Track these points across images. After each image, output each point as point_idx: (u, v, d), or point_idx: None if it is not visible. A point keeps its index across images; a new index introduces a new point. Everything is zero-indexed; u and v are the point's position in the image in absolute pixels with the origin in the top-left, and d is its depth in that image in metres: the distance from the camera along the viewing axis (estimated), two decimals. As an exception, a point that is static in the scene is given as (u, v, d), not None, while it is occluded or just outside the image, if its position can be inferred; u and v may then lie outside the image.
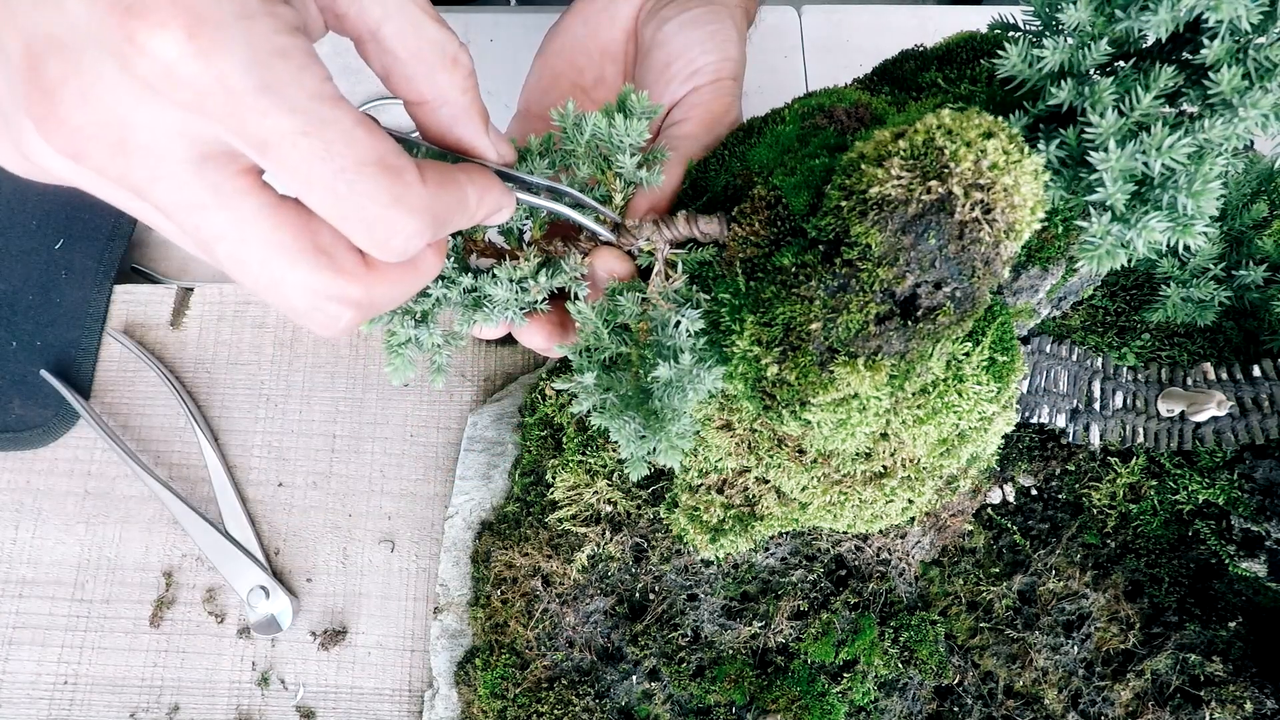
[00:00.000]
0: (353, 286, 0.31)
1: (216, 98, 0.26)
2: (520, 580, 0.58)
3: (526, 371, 0.68)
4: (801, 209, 0.37)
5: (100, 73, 0.26)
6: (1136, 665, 0.55)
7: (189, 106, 0.26)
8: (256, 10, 0.26)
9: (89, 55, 0.25)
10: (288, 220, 0.29)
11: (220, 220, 0.29)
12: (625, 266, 0.42)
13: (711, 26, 0.50)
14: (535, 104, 0.55)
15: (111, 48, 0.25)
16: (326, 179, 0.28)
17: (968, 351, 0.38)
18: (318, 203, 0.29)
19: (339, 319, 0.32)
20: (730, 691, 0.54)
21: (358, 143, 0.28)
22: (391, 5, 0.31)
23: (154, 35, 0.25)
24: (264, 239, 0.29)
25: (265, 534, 0.64)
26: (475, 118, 0.35)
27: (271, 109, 0.26)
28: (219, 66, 0.25)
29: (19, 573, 0.63)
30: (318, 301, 0.31)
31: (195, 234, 0.29)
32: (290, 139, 0.27)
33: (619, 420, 0.39)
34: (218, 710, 0.60)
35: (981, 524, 0.59)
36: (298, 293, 0.30)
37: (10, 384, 0.67)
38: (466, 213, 0.34)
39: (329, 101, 0.27)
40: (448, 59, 0.33)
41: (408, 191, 0.29)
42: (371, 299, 0.32)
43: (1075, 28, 0.34)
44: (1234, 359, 0.58)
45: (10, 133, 0.28)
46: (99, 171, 0.28)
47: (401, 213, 0.29)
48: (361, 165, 0.28)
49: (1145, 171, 0.33)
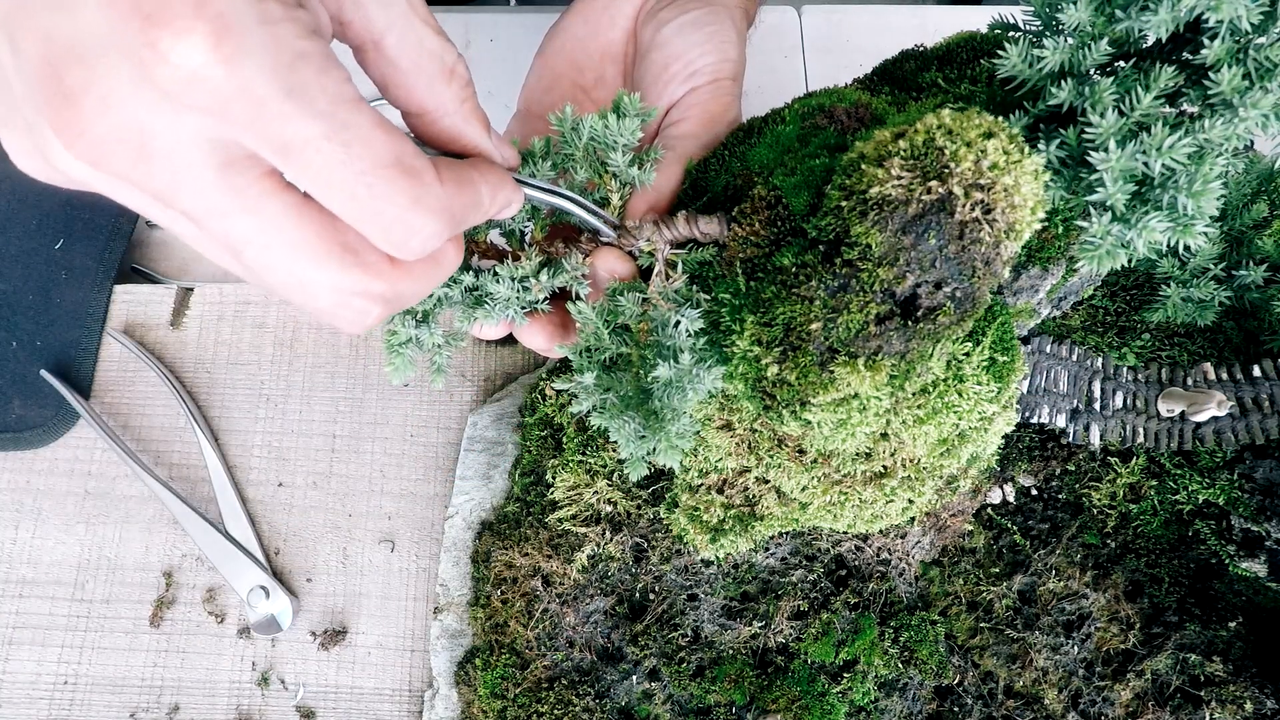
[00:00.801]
0: (379, 282, 0.31)
1: (240, 104, 0.25)
2: (520, 580, 0.58)
3: (526, 371, 0.68)
4: (801, 209, 0.37)
5: (119, 80, 0.25)
6: (1136, 665, 0.55)
7: (212, 112, 0.26)
8: (278, 15, 0.26)
9: (107, 62, 0.25)
10: (313, 220, 0.29)
11: (246, 224, 0.29)
12: (626, 266, 0.42)
13: (711, 28, 0.50)
14: (535, 104, 0.55)
15: (130, 54, 0.25)
16: (348, 182, 0.28)
17: (968, 351, 0.38)
18: (338, 205, 0.29)
19: (367, 315, 0.32)
20: (730, 691, 0.54)
21: (377, 145, 0.28)
22: (395, 14, 0.31)
23: (177, 42, 0.24)
24: (290, 240, 0.29)
25: (265, 534, 0.64)
26: (476, 125, 0.35)
27: (295, 114, 0.26)
28: (244, 73, 0.25)
29: (19, 573, 0.63)
30: (345, 299, 0.31)
31: (223, 239, 0.29)
32: (314, 144, 0.27)
33: (619, 420, 0.39)
34: (218, 710, 0.60)
35: (981, 524, 0.59)
36: (325, 292, 0.31)
37: (10, 384, 0.67)
38: (481, 209, 0.34)
39: (349, 104, 0.27)
40: (445, 70, 0.33)
41: (426, 192, 0.30)
42: (397, 293, 0.32)
43: (1075, 28, 0.34)
44: (1234, 359, 0.58)
45: (34, 138, 0.28)
46: (122, 179, 0.28)
47: (420, 213, 0.30)
48: (381, 168, 0.28)
49: (1145, 171, 0.33)
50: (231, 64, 0.25)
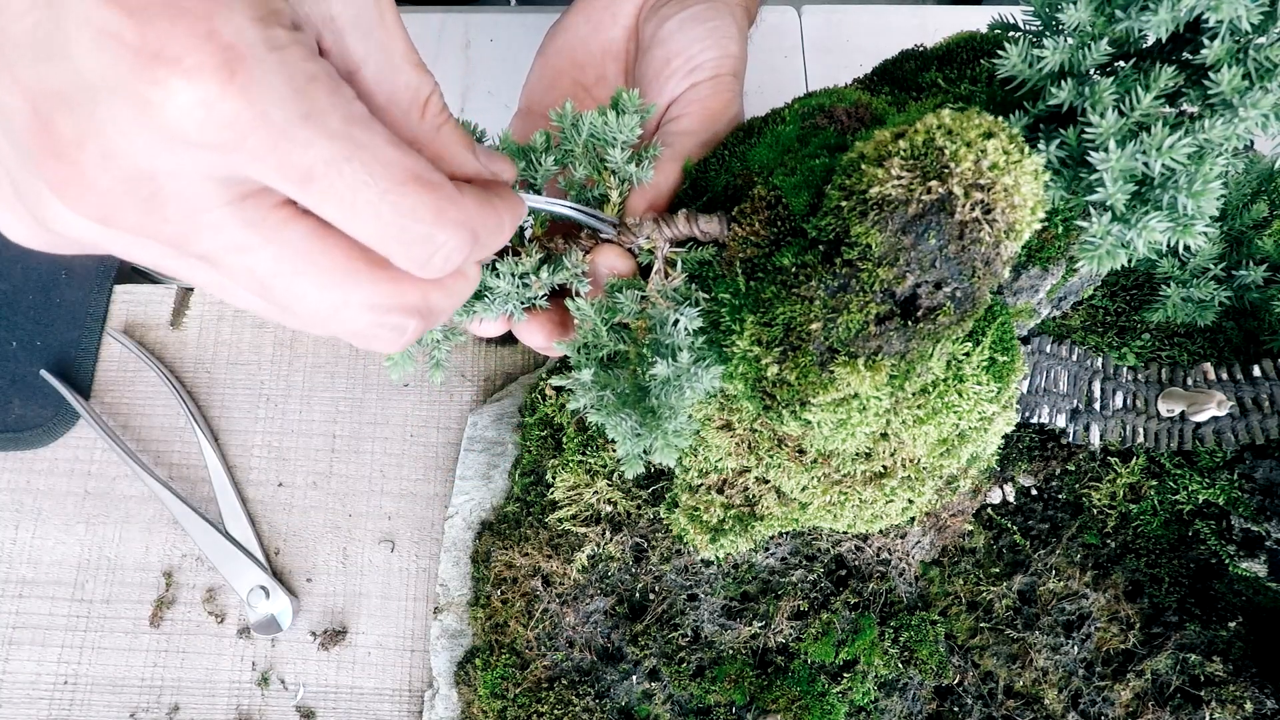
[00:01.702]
0: (412, 293, 0.30)
1: (259, 135, 0.24)
2: (520, 580, 0.58)
3: (526, 371, 0.68)
4: (801, 209, 0.37)
5: (122, 125, 0.24)
6: (1136, 665, 0.55)
7: (227, 148, 0.24)
8: (285, 40, 0.25)
9: (105, 108, 0.24)
10: (336, 242, 0.28)
11: (270, 255, 0.27)
12: (627, 264, 0.42)
13: (712, 23, 0.50)
14: (537, 103, 0.55)
15: (134, 96, 0.23)
16: (372, 203, 0.27)
17: (968, 351, 0.38)
18: (362, 227, 0.28)
19: (404, 329, 0.31)
20: (730, 691, 0.54)
21: (394, 162, 0.27)
22: (373, 45, 0.30)
23: (190, 78, 0.23)
24: (317, 265, 0.28)
25: (265, 534, 0.64)
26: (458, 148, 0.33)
27: (314, 138, 0.25)
28: (259, 103, 0.24)
29: (19, 573, 0.63)
30: (381, 317, 0.30)
31: (248, 277, 0.28)
32: (335, 166, 0.26)
33: (615, 417, 0.39)
34: (218, 710, 0.60)
35: (981, 524, 0.59)
36: (359, 311, 0.30)
37: (10, 384, 0.67)
38: (501, 230, 0.33)
39: (363, 123, 0.27)
40: (419, 104, 0.31)
41: (450, 205, 0.29)
42: (430, 305, 0.31)
43: (1075, 28, 0.34)
44: (1234, 359, 0.58)
45: (26, 202, 0.26)
46: (135, 232, 0.26)
47: (444, 226, 0.29)
48: (402, 184, 0.27)
49: (1145, 171, 0.33)
50: (247, 94, 0.24)
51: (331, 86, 0.26)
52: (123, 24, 0.23)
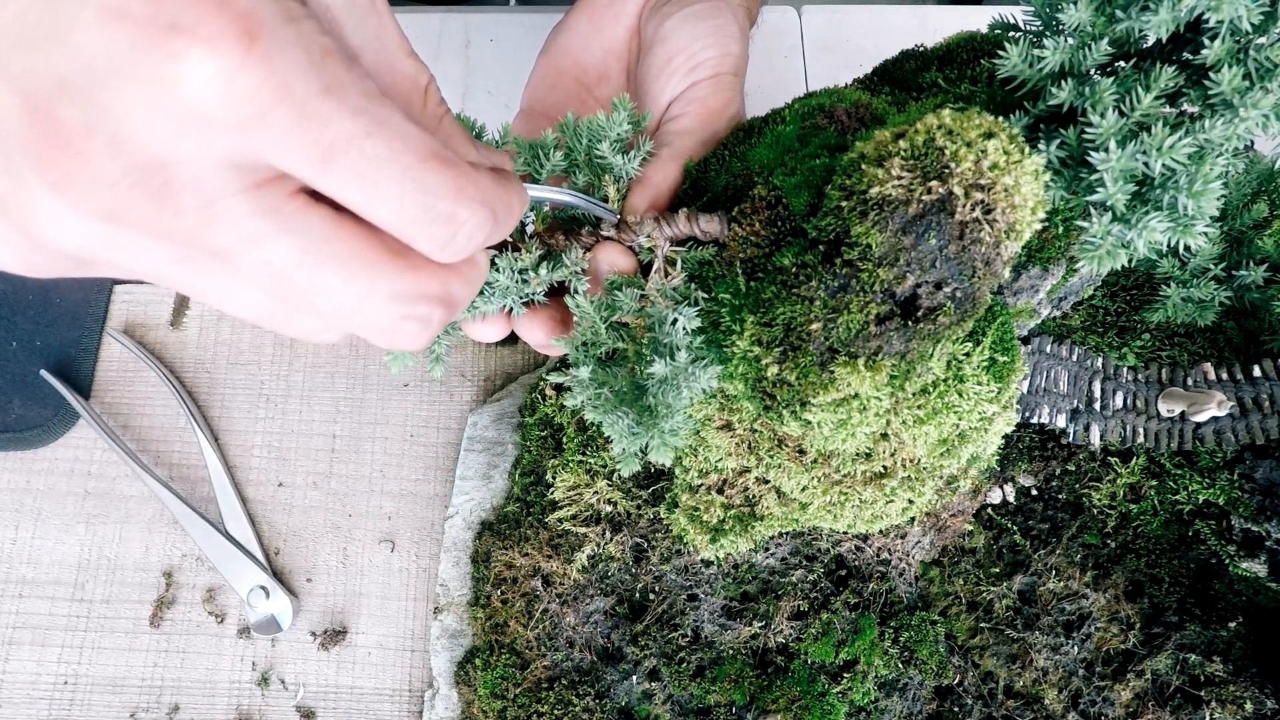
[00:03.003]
0: (434, 281, 0.29)
1: (280, 109, 0.23)
2: (520, 580, 0.58)
3: (526, 371, 0.68)
4: (802, 209, 0.37)
5: (131, 110, 0.22)
6: (1136, 665, 0.55)
7: (246, 126, 0.23)
8: (299, 12, 0.24)
9: (113, 93, 0.22)
10: (356, 229, 0.27)
11: (289, 246, 0.26)
12: (628, 261, 0.42)
13: (714, 21, 0.50)
14: (539, 102, 0.55)
15: (144, 76, 0.22)
16: (394, 180, 0.26)
17: (968, 351, 0.38)
18: (383, 208, 0.26)
19: (429, 320, 0.30)
20: (730, 691, 0.54)
21: (414, 138, 0.26)
22: (369, 34, 0.29)
23: (210, 46, 0.22)
24: (338, 254, 0.27)
25: (265, 534, 0.64)
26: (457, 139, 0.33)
27: (335, 113, 0.24)
28: (280, 74, 0.23)
29: (19, 573, 0.63)
30: (404, 309, 0.29)
31: (266, 270, 0.26)
32: (357, 142, 0.25)
33: (612, 415, 0.39)
34: (218, 710, 0.60)
35: (981, 524, 0.59)
36: (383, 305, 0.28)
37: (10, 384, 0.67)
38: (514, 213, 0.32)
39: (378, 99, 0.26)
40: (420, 91, 0.31)
41: (469, 183, 0.27)
42: (450, 295, 0.30)
43: (1075, 28, 0.34)
44: (1234, 359, 0.58)
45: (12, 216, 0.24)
46: (144, 228, 0.25)
47: (465, 204, 0.27)
48: (423, 161, 0.26)
49: (1146, 172, 0.33)
50: (268, 64, 0.22)
51: (345, 62, 0.25)
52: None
